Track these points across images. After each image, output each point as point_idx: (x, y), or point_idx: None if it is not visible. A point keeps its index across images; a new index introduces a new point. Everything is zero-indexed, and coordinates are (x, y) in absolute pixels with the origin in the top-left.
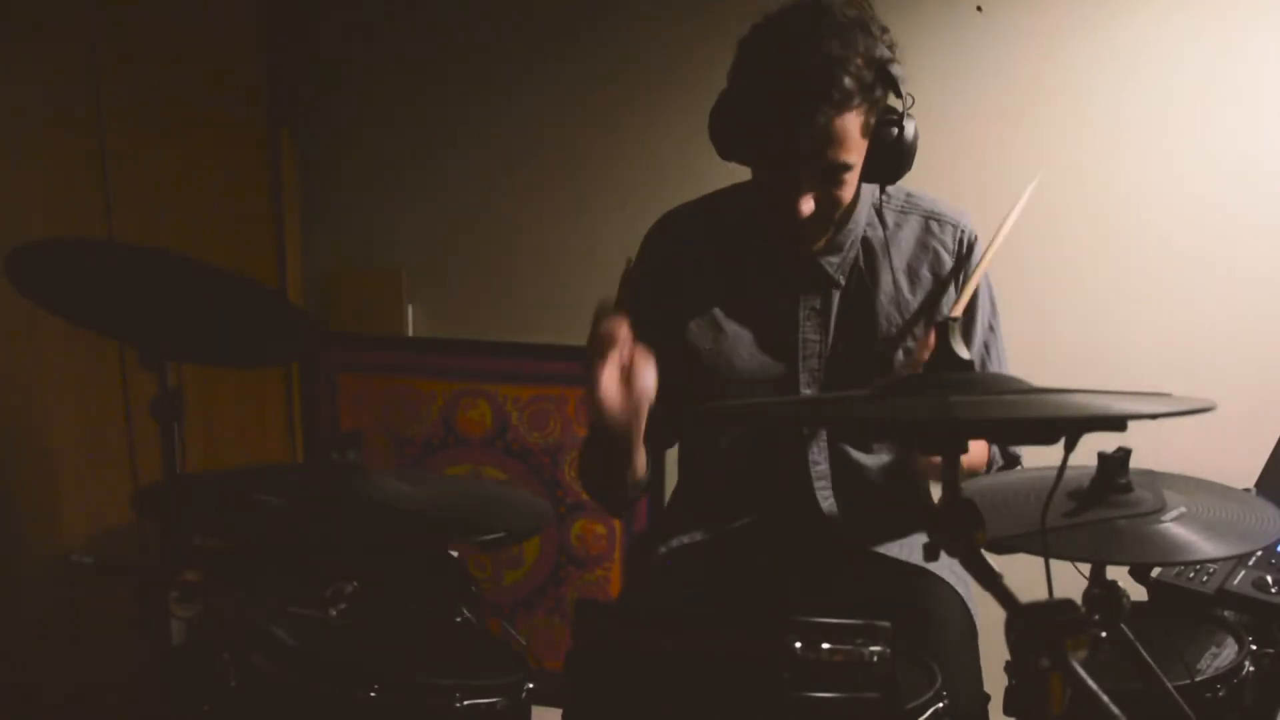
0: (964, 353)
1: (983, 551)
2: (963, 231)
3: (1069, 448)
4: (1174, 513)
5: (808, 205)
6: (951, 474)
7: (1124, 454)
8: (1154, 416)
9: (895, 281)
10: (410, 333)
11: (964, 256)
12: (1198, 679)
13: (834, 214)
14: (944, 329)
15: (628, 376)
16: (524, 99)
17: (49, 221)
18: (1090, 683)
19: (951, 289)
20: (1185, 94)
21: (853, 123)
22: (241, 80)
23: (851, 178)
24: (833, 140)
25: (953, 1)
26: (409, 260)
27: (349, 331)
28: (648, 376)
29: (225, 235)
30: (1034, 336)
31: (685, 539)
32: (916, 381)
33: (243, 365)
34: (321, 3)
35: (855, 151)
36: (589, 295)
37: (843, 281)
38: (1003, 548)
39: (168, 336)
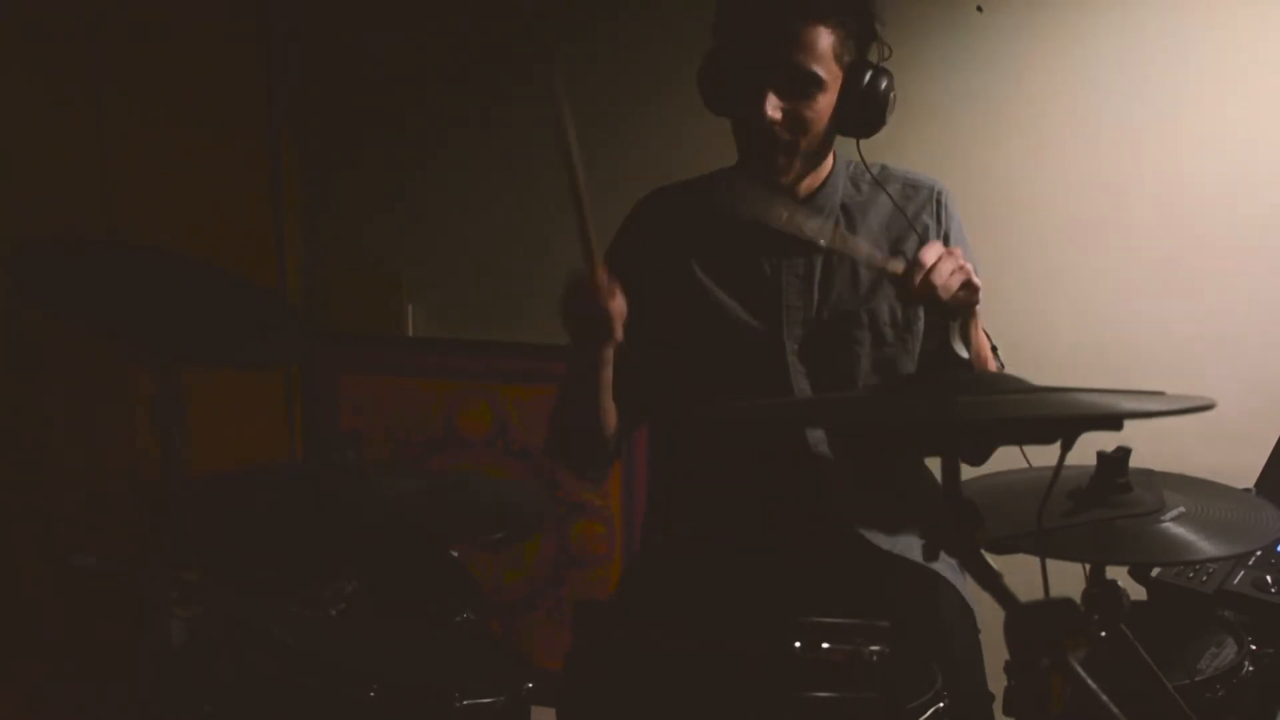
0: (963, 352)
1: (983, 551)
2: (938, 191)
3: (1066, 447)
4: (1174, 513)
5: (773, 108)
6: (951, 474)
7: (1124, 453)
8: (1158, 414)
9: (875, 244)
10: (410, 333)
11: (937, 212)
12: (1198, 679)
13: (802, 137)
14: (946, 328)
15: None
16: (524, 99)
17: (49, 221)
18: (1090, 683)
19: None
20: (1185, 93)
21: (823, 37)
22: (241, 80)
23: (821, 101)
24: (800, 46)
25: (953, 1)
26: (409, 260)
27: (349, 331)
28: (620, 298)
29: (225, 235)
30: (1033, 336)
31: (683, 536)
32: (917, 382)
33: (243, 365)
34: (321, 3)
35: (824, 68)
36: None
37: (824, 244)
38: (1003, 548)
39: (168, 336)
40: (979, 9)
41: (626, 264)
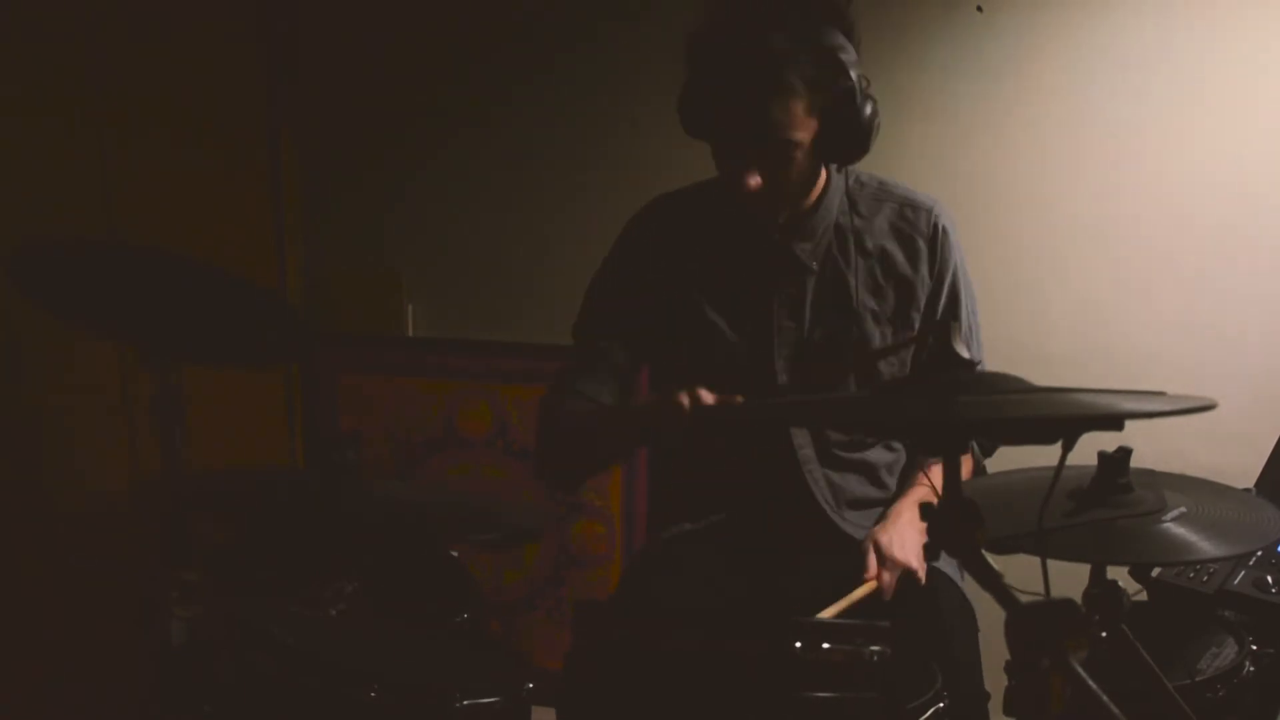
0: (964, 352)
1: (983, 551)
2: (936, 217)
3: (1067, 447)
4: (1174, 513)
5: (753, 180)
6: (952, 473)
7: (1124, 454)
8: (1159, 415)
9: (870, 267)
10: (410, 333)
11: (935, 242)
12: (1198, 679)
13: (786, 186)
14: (945, 328)
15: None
16: (524, 100)
17: (49, 221)
18: (1090, 683)
19: (925, 273)
20: (1184, 94)
21: (797, 106)
22: (241, 80)
23: (799, 154)
24: (776, 125)
25: (953, 1)
26: (409, 260)
27: (349, 331)
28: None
29: (225, 235)
30: (1032, 336)
31: (680, 531)
32: (918, 381)
33: (242, 365)
34: (322, 3)
35: (800, 130)
36: None
37: (816, 267)
38: (1003, 548)
39: (168, 336)
40: (979, 9)
41: (628, 277)
